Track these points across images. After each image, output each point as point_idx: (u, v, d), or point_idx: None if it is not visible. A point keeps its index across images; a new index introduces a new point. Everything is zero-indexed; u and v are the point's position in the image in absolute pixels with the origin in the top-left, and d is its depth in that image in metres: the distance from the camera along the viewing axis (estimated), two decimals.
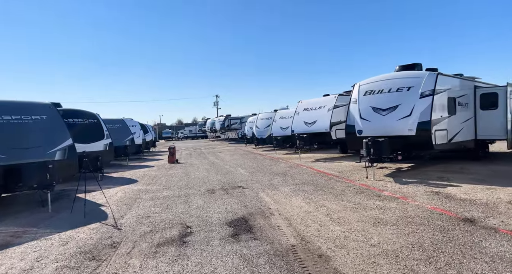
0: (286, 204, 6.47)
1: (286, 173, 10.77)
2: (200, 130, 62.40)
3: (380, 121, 9.05)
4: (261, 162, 14.95)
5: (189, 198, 7.56)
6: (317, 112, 14.40)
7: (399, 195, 6.73)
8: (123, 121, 17.90)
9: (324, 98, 14.70)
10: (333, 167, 11.79)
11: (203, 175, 11.51)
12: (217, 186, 8.99)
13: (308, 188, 7.97)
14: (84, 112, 12.48)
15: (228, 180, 10.03)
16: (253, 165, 13.65)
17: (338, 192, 7.32)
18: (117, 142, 16.49)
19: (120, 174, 13.18)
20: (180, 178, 11.07)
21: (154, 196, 8.12)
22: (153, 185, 9.87)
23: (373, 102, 9.33)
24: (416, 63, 9.50)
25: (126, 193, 8.69)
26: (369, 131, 9.31)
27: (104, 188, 9.82)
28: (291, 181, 9.21)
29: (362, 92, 9.74)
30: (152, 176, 11.93)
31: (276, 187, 8.34)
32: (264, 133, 23.46)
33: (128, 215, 6.33)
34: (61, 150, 7.83)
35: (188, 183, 9.78)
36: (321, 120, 14.01)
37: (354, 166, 11.49)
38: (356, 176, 9.39)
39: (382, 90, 9.21)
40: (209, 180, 10.16)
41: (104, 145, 12.43)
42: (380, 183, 8.10)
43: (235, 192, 8.04)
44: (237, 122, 40.91)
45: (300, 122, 15.06)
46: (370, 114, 9.34)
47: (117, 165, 16.69)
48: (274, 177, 10.14)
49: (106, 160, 12.63)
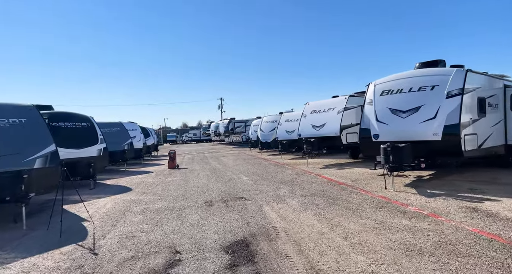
0: (295, 222, 5.52)
1: (293, 181, 9.81)
2: (204, 133, 61.70)
3: (399, 125, 8.06)
4: (266, 168, 14.01)
5: (183, 212, 6.65)
6: (326, 115, 13.43)
7: (428, 211, 5.72)
8: (121, 125, 17.12)
9: (333, 100, 13.73)
10: (345, 174, 10.79)
11: (203, 183, 10.60)
12: (216, 197, 8.07)
13: (319, 201, 7.00)
14: (76, 115, 11.68)
15: (229, 189, 9.10)
16: (257, 172, 12.71)
17: (354, 206, 6.34)
18: (114, 146, 15.69)
19: (115, 181, 12.34)
20: (177, 186, 10.18)
21: (145, 208, 7.22)
22: (147, 194, 8.99)
23: (391, 103, 8.35)
24: (439, 59, 8.52)
25: (116, 205, 7.81)
26: (386, 135, 8.33)
27: (94, 197, 8.98)
28: (299, 191, 8.25)
29: (378, 92, 8.77)
30: (148, 184, 11.06)
31: (283, 199, 7.38)
32: (269, 137, 22.53)
33: (111, 233, 5.44)
34: (42, 157, 6.98)
35: (185, 193, 8.88)
36: (330, 124, 13.04)
37: (368, 174, 10.49)
38: (372, 186, 8.40)
39: (401, 90, 8.23)
40: (208, 189, 9.24)
41: (98, 150, 11.60)
42: (402, 195, 7.09)
43: (236, 204, 7.11)
44: (241, 126, 40.06)
45: (307, 125, 14.10)
46: (387, 116, 8.36)
47: (114, 171, 15.88)
48: (280, 186, 9.19)
49: (100, 166, 11.80)
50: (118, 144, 16.08)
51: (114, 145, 15.75)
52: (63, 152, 10.38)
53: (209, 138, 61.56)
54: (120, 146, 16.10)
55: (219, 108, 67.67)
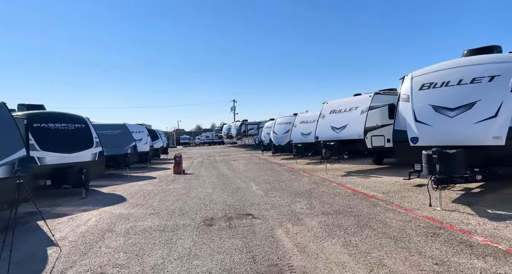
0: (318, 257, 4.06)
1: (312, 193, 8.31)
2: (216, 136, 60.71)
3: (446, 126, 6.46)
4: (279, 174, 12.55)
5: (175, 235, 5.30)
6: (347, 115, 11.87)
7: (506, 245, 4.14)
8: (124, 127, 16.04)
9: (356, 98, 12.15)
10: (372, 184, 9.20)
11: (207, 192, 9.25)
12: (219, 212, 6.69)
13: (347, 222, 5.50)
14: (68, 115, 10.58)
15: (235, 201, 7.71)
16: (269, 179, 11.27)
17: (396, 232, 4.81)
18: (116, 150, 14.63)
19: (112, 188, 11.16)
20: (177, 196, 8.86)
21: (132, 227, 5.91)
22: (140, 207, 7.70)
23: (434, 99, 6.77)
24: (494, 45, 6.89)
25: (100, 221, 6.55)
26: (428, 139, 6.74)
27: (80, 210, 7.77)
28: (320, 206, 6.76)
29: (417, 86, 7.19)
30: (146, 193, 9.81)
31: (299, 218, 5.92)
32: (283, 140, 21.05)
33: (74, 268, 4.14)
34: (7, 165, 5.79)
35: (184, 206, 7.55)
36: (353, 125, 11.47)
37: (401, 184, 8.87)
38: (411, 201, 6.81)
39: (448, 83, 6.63)
40: (211, 201, 7.88)
41: (92, 155, 10.44)
42: (456, 217, 5.50)
43: (242, 224, 5.70)
44: (254, 128, 38.68)
45: (325, 127, 12.57)
46: (430, 115, 6.77)
47: (116, 176, 14.78)
48: (295, 198, 7.72)
49: (94, 173, 10.64)
50: (120, 147, 15.00)
51: (116, 148, 14.69)
52: (51, 156, 9.26)
53: (221, 140, 60.44)
54: (123, 149, 15.00)
55: (232, 110, 66.62)
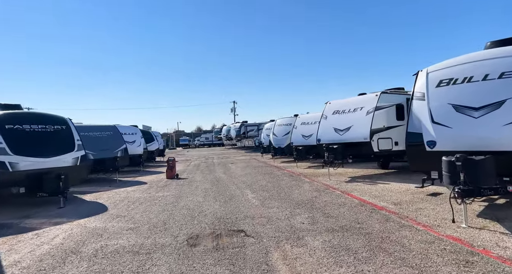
0: None
1: (313, 203, 7.41)
2: (216, 137, 59.87)
3: (469, 128, 5.56)
4: (278, 180, 11.65)
5: (150, 259, 4.40)
6: (352, 116, 10.97)
7: None
8: (114, 129, 15.16)
9: (361, 98, 11.25)
10: (381, 192, 8.29)
11: (197, 201, 8.35)
12: (207, 228, 5.79)
13: (357, 243, 4.60)
14: (47, 116, 9.71)
15: (227, 213, 6.81)
16: (267, 186, 10.36)
17: (417, 259, 3.91)
18: (105, 153, 13.77)
19: (96, 195, 10.28)
20: (164, 206, 7.97)
21: (102, 248, 5.02)
22: (120, 219, 6.82)
23: (455, 97, 5.86)
24: None
25: (69, 238, 5.66)
26: (448, 143, 5.84)
27: (52, 223, 6.87)
28: (323, 221, 5.86)
29: (434, 82, 6.29)
30: (132, 201, 8.92)
31: (300, 236, 5.02)
32: (283, 142, 20.17)
33: None
34: None
35: (168, 219, 6.65)
36: (358, 127, 10.57)
37: (412, 193, 7.95)
38: (428, 214, 5.89)
39: (471, 78, 5.73)
40: (200, 213, 6.98)
41: (73, 159, 9.56)
42: (487, 237, 4.58)
43: (231, 244, 4.81)
44: (253, 129, 37.79)
45: (328, 129, 11.67)
46: (449, 116, 5.87)
47: (105, 181, 13.90)
48: (295, 210, 6.82)
49: (75, 179, 9.76)
50: (109, 150, 14.12)
51: (104, 151, 13.83)
52: (25, 161, 8.33)
53: (221, 142, 59.63)
54: (112, 152, 14.12)
55: (232, 112, 65.77)
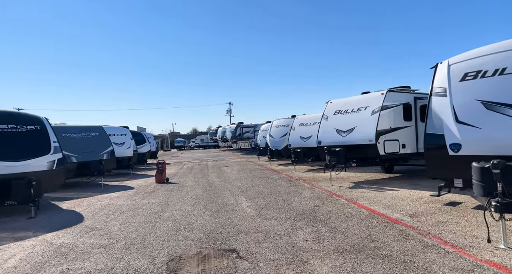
0: None
1: (316, 214, 6.52)
2: (211, 139, 58.89)
3: (504, 129, 4.71)
4: (276, 185, 10.75)
5: None
6: (355, 117, 10.12)
7: None
8: (100, 129, 14.16)
9: (365, 97, 10.40)
10: (391, 201, 7.43)
11: (185, 211, 7.43)
12: (192, 246, 4.88)
13: (375, 270, 3.71)
14: (19, 115, 8.77)
15: (217, 226, 5.90)
16: (263, 192, 9.47)
17: None
18: (89, 155, 12.79)
19: (75, 203, 9.31)
20: (147, 217, 7.04)
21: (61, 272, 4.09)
22: (94, 233, 5.88)
23: (484, 92, 5.02)
24: None
25: (26, 259, 4.72)
26: (477, 146, 4.99)
27: (14, 237, 5.90)
28: (330, 237, 4.97)
29: (458, 75, 5.45)
30: (113, 210, 7.99)
31: (304, 259, 4.13)
32: (280, 144, 19.28)
33: None
34: None
35: (150, 233, 5.73)
36: (362, 128, 9.72)
37: (427, 202, 7.09)
38: (453, 230, 5.02)
39: (504, 70, 4.89)
40: (187, 226, 6.06)
41: (49, 163, 8.59)
42: None
43: (220, 270, 3.90)
44: (249, 131, 36.93)
45: (329, 130, 10.81)
46: (478, 114, 5.03)
47: (90, 185, 12.94)
48: (296, 222, 5.93)
49: (51, 184, 8.80)
50: (94, 152, 13.14)
51: (89, 154, 12.85)
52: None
53: (216, 144, 58.70)
54: (97, 155, 13.14)
55: (228, 113, 64.83)
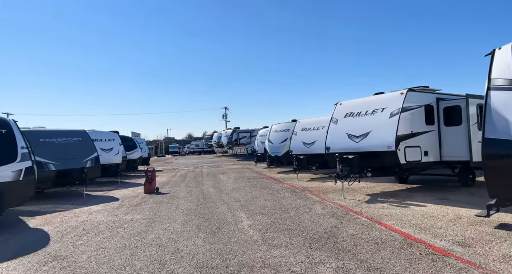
0: None
1: (336, 239, 5.25)
2: (207, 144, 57.46)
3: None
4: (279, 197, 9.48)
5: None
6: (370, 120, 8.92)
7: None
8: (84, 134, 12.79)
9: (382, 97, 9.21)
10: (423, 220, 6.17)
11: (174, 231, 6.12)
12: None
13: None
14: None
15: (213, 256, 4.60)
16: (266, 206, 8.19)
17: None
18: (69, 163, 11.44)
19: (46, 219, 7.95)
20: (127, 239, 5.72)
21: None
22: (53, 266, 4.56)
23: None
24: None
25: None
26: None
27: None
28: None
29: None
30: (88, 229, 6.67)
31: None
32: (280, 150, 18.04)
33: None
34: None
35: (125, 265, 4.42)
36: (378, 132, 8.52)
37: (472, 223, 5.84)
38: None
39: None
40: (174, 254, 4.76)
41: (15, 173, 7.26)
42: None
43: None
44: (246, 136, 35.68)
45: (340, 135, 9.60)
46: None
47: (70, 196, 11.55)
48: (313, 252, 4.65)
49: (17, 197, 7.45)
50: (76, 159, 11.76)
51: (69, 161, 11.50)
52: None
53: (212, 149, 57.28)
54: (79, 162, 11.76)
55: (223, 118, 63.55)
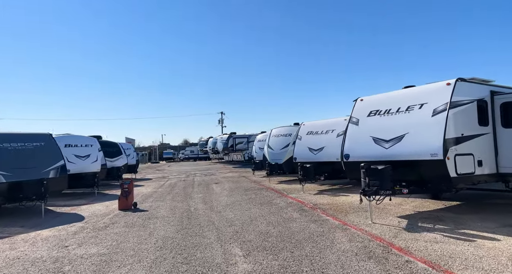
0: None
1: None
2: (202, 150, 55.19)
3: None
4: (285, 219, 7.36)
5: None
6: (405, 120, 6.90)
7: None
8: (48, 138, 10.60)
9: (419, 91, 7.15)
10: (503, 265, 4.12)
11: None
12: None
13: None
14: None
15: None
16: (269, 234, 6.07)
17: None
18: (25, 173, 9.36)
19: None
20: None
21: None
22: None
23: None
24: None
25: None
26: None
27: None
28: None
29: None
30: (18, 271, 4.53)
31: None
32: (281, 157, 15.95)
33: None
34: None
35: None
36: (417, 136, 6.50)
37: None
38: None
39: None
40: None
41: None
42: None
43: None
44: (243, 142, 33.54)
45: (362, 139, 7.56)
46: None
47: (26, 213, 9.37)
48: None
49: None
50: (34, 169, 9.58)
51: (25, 170, 9.38)
52: None
53: (207, 156, 54.97)
54: (38, 172, 9.59)
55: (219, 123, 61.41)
